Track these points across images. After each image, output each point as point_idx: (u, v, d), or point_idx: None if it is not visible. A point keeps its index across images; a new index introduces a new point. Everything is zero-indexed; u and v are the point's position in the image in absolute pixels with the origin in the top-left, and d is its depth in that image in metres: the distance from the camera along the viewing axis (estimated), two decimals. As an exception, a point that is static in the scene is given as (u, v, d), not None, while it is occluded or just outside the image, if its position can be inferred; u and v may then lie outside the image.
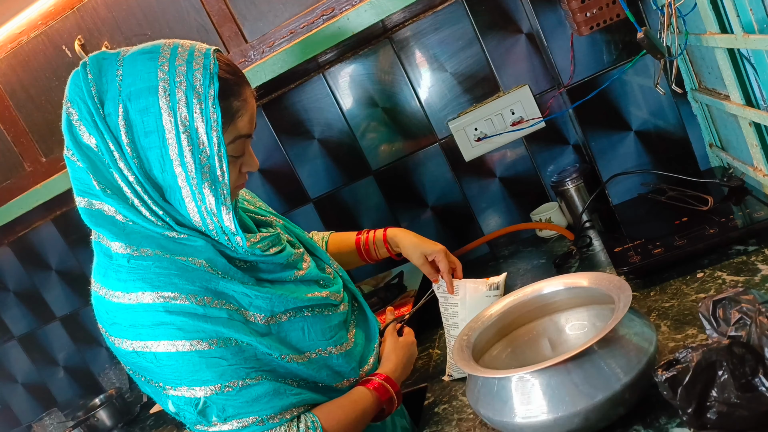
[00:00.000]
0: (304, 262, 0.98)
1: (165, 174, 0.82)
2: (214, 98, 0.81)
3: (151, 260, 0.81)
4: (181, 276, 0.81)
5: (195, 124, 0.80)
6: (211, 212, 0.83)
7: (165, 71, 0.81)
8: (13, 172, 1.67)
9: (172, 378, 0.82)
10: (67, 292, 2.07)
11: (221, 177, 0.83)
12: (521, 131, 1.60)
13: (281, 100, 1.70)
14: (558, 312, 1.01)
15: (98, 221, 0.84)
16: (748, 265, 1.03)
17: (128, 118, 0.80)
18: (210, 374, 0.82)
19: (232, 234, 0.85)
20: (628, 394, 0.76)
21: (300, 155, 1.74)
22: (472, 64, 1.60)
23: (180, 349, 0.80)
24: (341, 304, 0.99)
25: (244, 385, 0.83)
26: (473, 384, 0.88)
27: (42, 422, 1.98)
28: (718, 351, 0.59)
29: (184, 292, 0.80)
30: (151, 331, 0.80)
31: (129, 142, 0.81)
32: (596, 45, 1.38)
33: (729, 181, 1.26)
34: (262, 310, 0.87)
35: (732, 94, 1.13)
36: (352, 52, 1.63)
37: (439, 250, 1.14)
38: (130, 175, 0.82)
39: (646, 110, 1.41)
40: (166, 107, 0.80)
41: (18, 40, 1.53)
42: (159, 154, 0.81)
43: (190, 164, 0.81)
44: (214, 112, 0.81)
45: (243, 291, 0.85)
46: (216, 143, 0.81)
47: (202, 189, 0.82)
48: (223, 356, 0.82)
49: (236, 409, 0.83)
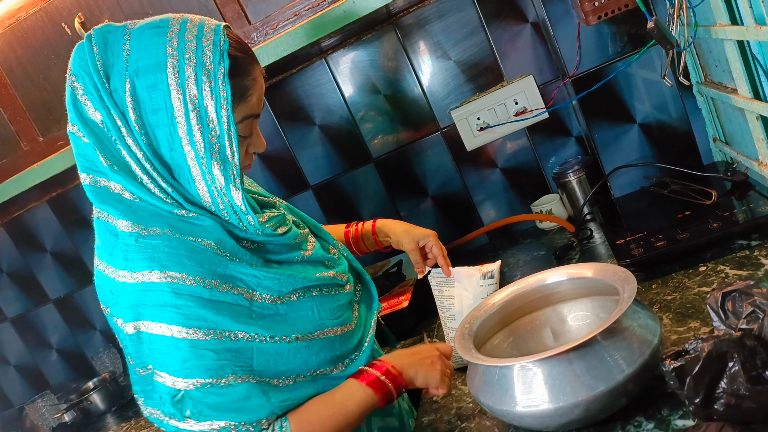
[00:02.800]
0: (309, 243, 0.97)
1: (173, 153, 0.81)
2: (224, 76, 0.80)
3: (160, 239, 0.80)
4: (190, 257, 0.80)
5: (204, 102, 0.79)
6: (221, 192, 0.82)
7: (174, 47, 0.79)
8: (10, 151, 1.64)
9: (159, 362, 0.81)
10: (62, 275, 2.05)
11: (231, 157, 0.82)
12: (524, 122, 1.59)
13: (283, 85, 1.68)
14: (561, 302, 1.01)
15: (104, 198, 0.82)
16: (751, 260, 1.02)
17: (135, 94, 0.79)
18: (196, 366, 0.80)
19: (242, 213, 0.84)
20: (631, 385, 0.76)
21: (300, 141, 1.73)
22: (476, 53, 1.59)
23: (175, 334, 0.79)
24: (347, 284, 0.99)
25: (227, 384, 0.80)
26: (474, 372, 0.88)
27: (34, 404, 1.97)
28: (729, 342, 0.59)
29: (192, 273, 0.79)
30: (153, 312, 0.79)
31: (137, 118, 0.79)
32: (602, 36, 1.37)
33: (733, 175, 1.25)
34: (270, 291, 0.85)
35: (740, 88, 1.12)
36: (355, 37, 1.61)
37: (430, 234, 1.14)
38: (139, 152, 0.80)
39: (650, 103, 1.40)
40: (174, 84, 0.78)
41: (16, 16, 1.50)
42: (167, 132, 0.80)
43: (200, 143, 0.80)
44: (223, 90, 0.79)
45: (251, 273, 0.84)
46: (226, 122, 0.80)
47: (211, 168, 0.81)
48: (215, 350, 0.80)
49: (211, 410, 0.81)
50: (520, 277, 1.15)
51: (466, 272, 1.10)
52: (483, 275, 1.10)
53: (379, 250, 1.25)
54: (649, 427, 0.76)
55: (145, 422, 1.68)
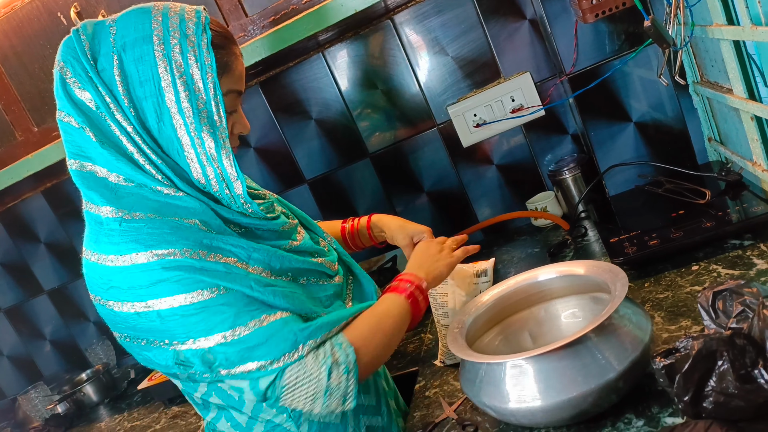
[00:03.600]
0: (299, 233, 0.98)
1: (162, 124, 0.82)
2: (207, 45, 0.82)
3: (143, 222, 0.80)
4: (173, 233, 0.80)
5: (190, 70, 0.81)
6: (211, 157, 0.83)
7: (159, 21, 0.82)
8: (4, 141, 1.64)
9: (179, 332, 0.80)
10: (56, 266, 2.05)
11: (219, 122, 0.83)
12: (520, 119, 1.59)
13: (279, 78, 1.67)
14: (552, 300, 1.01)
15: (89, 183, 0.83)
16: (744, 260, 1.03)
17: (123, 68, 0.81)
18: (214, 323, 0.80)
19: (231, 181, 0.84)
20: (622, 382, 0.76)
21: (296, 135, 1.72)
22: (473, 49, 1.59)
23: (182, 302, 0.79)
24: (336, 276, 0.99)
25: (248, 330, 0.80)
26: (466, 369, 0.88)
27: (27, 395, 1.97)
28: (719, 341, 0.59)
29: (178, 246, 0.79)
30: (151, 290, 0.79)
31: (125, 92, 0.81)
32: (600, 34, 1.37)
33: (727, 175, 1.26)
34: (261, 263, 0.85)
35: (735, 88, 1.12)
36: (352, 32, 1.61)
37: (424, 230, 1.15)
38: (128, 125, 0.82)
39: (646, 102, 1.41)
40: (160, 55, 0.81)
41: (12, 5, 1.49)
42: (155, 103, 0.81)
43: (188, 110, 0.81)
44: (208, 58, 0.82)
45: (239, 244, 0.84)
46: (212, 88, 0.82)
47: (201, 134, 0.82)
48: (227, 302, 0.80)
49: (239, 356, 0.80)
50: (514, 274, 1.15)
51: (460, 270, 1.10)
52: (476, 273, 1.10)
53: (375, 245, 1.25)
54: (638, 424, 0.77)
55: (138, 414, 1.69)
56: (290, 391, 0.82)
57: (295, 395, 0.82)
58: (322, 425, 0.90)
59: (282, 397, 0.83)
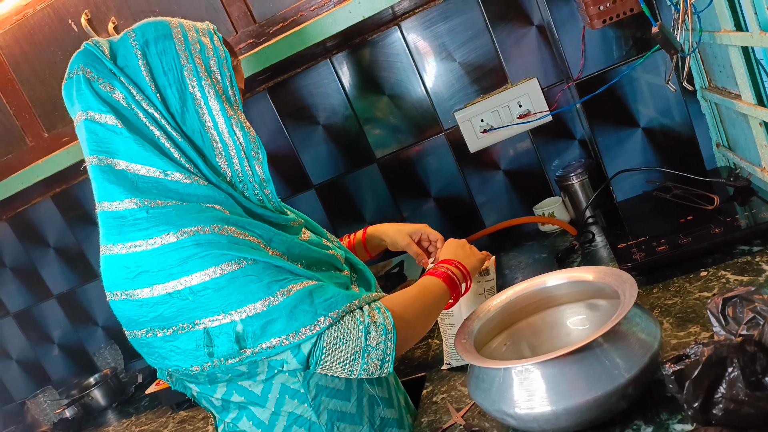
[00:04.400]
0: (304, 234, 1.00)
1: (185, 109, 0.87)
2: (220, 42, 0.92)
3: (170, 207, 0.83)
4: (201, 213, 0.84)
5: (209, 61, 0.90)
6: (234, 133, 0.89)
7: (175, 26, 0.91)
8: (15, 147, 1.65)
9: (211, 306, 0.81)
10: (65, 270, 2.06)
11: (237, 106, 0.91)
12: (528, 124, 1.59)
13: (287, 84, 1.68)
14: (560, 305, 1.01)
15: (109, 177, 0.84)
16: (753, 266, 1.02)
17: (147, 61, 0.88)
18: (245, 293, 0.81)
19: (253, 157, 0.90)
20: (631, 389, 0.76)
21: (304, 140, 1.73)
22: (480, 55, 1.59)
23: (212, 275, 0.80)
24: (344, 270, 1.00)
25: (278, 300, 0.82)
26: (474, 374, 0.88)
27: (36, 399, 1.98)
28: (729, 347, 0.59)
29: (207, 223, 0.82)
30: (183, 267, 0.81)
31: (150, 81, 0.87)
32: (607, 40, 1.37)
33: (735, 181, 1.26)
34: (281, 248, 0.88)
35: (744, 93, 1.12)
36: (360, 37, 1.61)
37: (421, 227, 1.20)
38: (155, 112, 0.87)
39: (654, 108, 1.40)
40: (181, 48, 0.89)
41: (23, 12, 1.51)
42: (179, 89, 0.87)
43: (210, 94, 0.88)
44: (223, 52, 0.91)
45: (262, 227, 0.87)
46: (229, 77, 0.91)
47: (225, 113, 0.88)
48: (255, 273, 0.82)
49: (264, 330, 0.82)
50: (521, 279, 1.15)
51: None
52: (480, 272, 1.11)
53: (372, 258, 1.28)
54: (647, 431, 0.77)
55: (146, 418, 1.69)
56: (330, 353, 0.84)
57: (335, 357, 0.85)
58: (338, 413, 0.90)
59: (323, 360, 0.85)
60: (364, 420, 0.93)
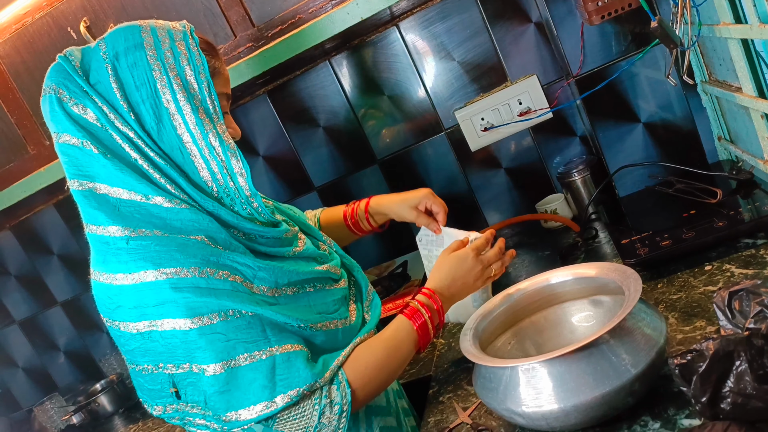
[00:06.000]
0: (300, 240, 0.98)
1: (161, 125, 0.83)
2: (197, 48, 0.85)
3: (150, 239, 0.81)
4: (181, 251, 0.80)
5: (184, 71, 0.83)
6: (214, 150, 0.84)
7: (147, 32, 0.84)
8: (17, 155, 1.66)
9: (176, 354, 0.81)
10: (69, 277, 2.07)
11: (216, 118, 0.85)
12: (528, 121, 1.59)
13: (286, 87, 1.68)
14: (566, 302, 1.01)
15: (91, 202, 0.83)
16: (757, 258, 1.02)
17: (118, 76, 0.82)
18: (211, 351, 0.80)
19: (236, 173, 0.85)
20: (638, 385, 0.76)
21: (305, 143, 1.73)
22: (479, 53, 1.59)
23: (182, 326, 0.79)
24: (341, 280, 0.99)
25: (240, 364, 0.80)
26: (480, 374, 0.88)
27: (43, 406, 1.98)
28: (736, 341, 0.59)
29: (186, 265, 0.80)
30: (156, 310, 0.80)
31: (122, 98, 0.82)
32: (606, 35, 1.37)
33: (738, 174, 1.25)
34: (267, 282, 0.85)
35: (744, 86, 1.12)
36: (359, 39, 1.61)
37: (426, 194, 1.12)
38: (130, 131, 0.82)
39: (654, 102, 1.40)
40: (153, 59, 0.82)
41: (23, 21, 1.52)
42: (153, 104, 0.82)
43: (186, 107, 0.83)
44: (199, 59, 0.85)
45: (245, 262, 0.84)
46: (206, 87, 0.84)
47: (202, 128, 0.83)
48: (224, 331, 0.80)
49: (236, 395, 0.80)
50: (525, 277, 1.14)
51: (456, 233, 1.09)
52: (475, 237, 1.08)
53: (375, 230, 1.24)
54: (655, 426, 0.77)
55: (153, 423, 1.69)
56: (281, 423, 0.83)
57: (285, 427, 0.83)
58: None
59: (275, 428, 0.83)
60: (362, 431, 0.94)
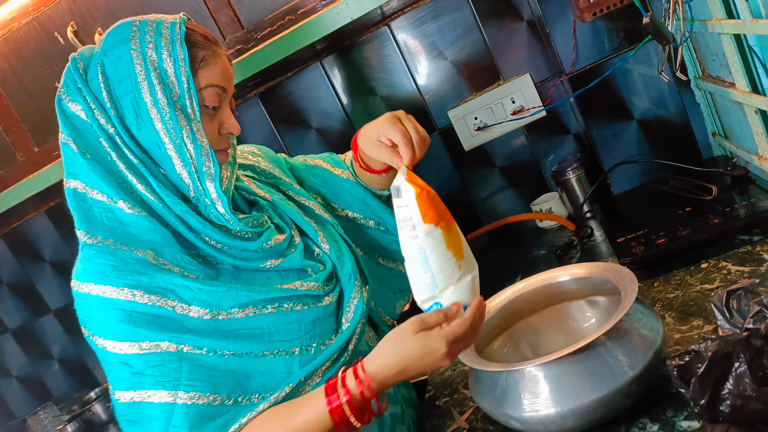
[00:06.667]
0: (291, 248, 0.92)
1: (140, 120, 0.82)
2: (180, 40, 0.83)
3: (95, 250, 0.82)
4: (116, 268, 0.80)
5: (164, 64, 0.82)
6: (186, 148, 0.83)
7: (137, 26, 0.85)
8: (6, 162, 1.64)
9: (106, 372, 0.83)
10: (62, 284, 2.04)
11: (192, 114, 0.83)
12: (522, 120, 1.58)
13: (278, 89, 1.67)
14: (560, 303, 1.00)
15: (71, 201, 0.84)
16: (753, 255, 1.01)
17: (104, 71, 0.83)
18: (119, 379, 0.80)
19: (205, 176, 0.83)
20: (635, 387, 0.75)
21: (297, 145, 1.72)
22: (471, 52, 1.58)
23: (101, 345, 0.81)
24: (327, 296, 0.91)
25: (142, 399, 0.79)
26: (477, 378, 0.87)
27: (37, 416, 1.96)
28: (735, 342, 0.58)
29: (115, 284, 0.80)
30: (91, 323, 0.82)
31: (107, 93, 0.83)
32: (598, 32, 1.36)
33: (732, 170, 1.24)
34: (207, 305, 0.82)
35: (738, 82, 1.11)
36: (350, 39, 1.60)
37: (383, 120, 0.86)
38: (110, 128, 0.83)
39: (648, 99, 1.39)
40: (136, 53, 0.82)
41: (9, 26, 1.50)
42: (132, 98, 0.82)
43: (162, 101, 0.82)
44: (181, 52, 0.83)
45: (185, 284, 0.81)
46: (185, 81, 0.82)
47: (177, 124, 0.82)
48: (135, 363, 0.79)
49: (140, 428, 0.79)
50: (521, 277, 1.14)
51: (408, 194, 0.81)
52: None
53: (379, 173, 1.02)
54: (653, 428, 0.76)
55: None
56: None
57: None
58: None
59: None
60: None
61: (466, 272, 0.81)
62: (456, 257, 0.80)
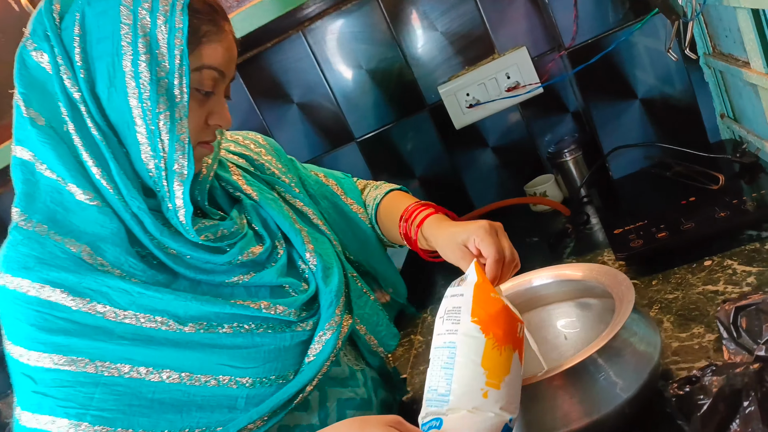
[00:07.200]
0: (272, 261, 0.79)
1: (113, 89, 0.68)
2: (183, 6, 0.68)
3: (24, 235, 0.68)
4: (40, 261, 0.67)
5: (157, 31, 0.68)
6: (160, 135, 0.69)
7: None
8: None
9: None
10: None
11: (179, 96, 0.69)
12: (517, 97, 1.48)
13: (257, 60, 1.57)
14: (548, 305, 0.91)
15: (18, 174, 0.71)
16: (762, 254, 0.93)
17: (83, 23, 0.68)
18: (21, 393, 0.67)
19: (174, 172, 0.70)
20: (629, 408, 0.67)
21: (278, 120, 1.62)
22: (465, 23, 1.47)
23: (10, 351, 0.68)
24: (301, 323, 0.77)
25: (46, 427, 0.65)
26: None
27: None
28: (744, 376, 0.50)
29: (34, 279, 0.67)
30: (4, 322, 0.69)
31: (80, 50, 0.68)
32: (601, 3, 1.26)
33: (742, 156, 1.15)
34: (150, 311, 0.69)
35: (753, 61, 1.01)
36: (334, 7, 1.49)
37: (477, 228, 0.77)
38: (76, 92, 0.69)
39: (653, 76, 1.30)
40: (126, 11, 0.68)
41: (-41, -10, 1.38)
42: (110, 63, 0.68)
43: (144, 75, 0.68)
44: (180, 20, 0.68)
45: (122, 288, 0.68)
46: (178, 55, 0.68)
47: (155, 106, 0.68)
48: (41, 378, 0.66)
49: None
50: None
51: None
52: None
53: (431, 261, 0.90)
54: (648, 454, 0.68)
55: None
56: None
57: None
58: None
59: None
60: None
61: (491, 408, 0.62)
62: (488, 380, 0.63)
